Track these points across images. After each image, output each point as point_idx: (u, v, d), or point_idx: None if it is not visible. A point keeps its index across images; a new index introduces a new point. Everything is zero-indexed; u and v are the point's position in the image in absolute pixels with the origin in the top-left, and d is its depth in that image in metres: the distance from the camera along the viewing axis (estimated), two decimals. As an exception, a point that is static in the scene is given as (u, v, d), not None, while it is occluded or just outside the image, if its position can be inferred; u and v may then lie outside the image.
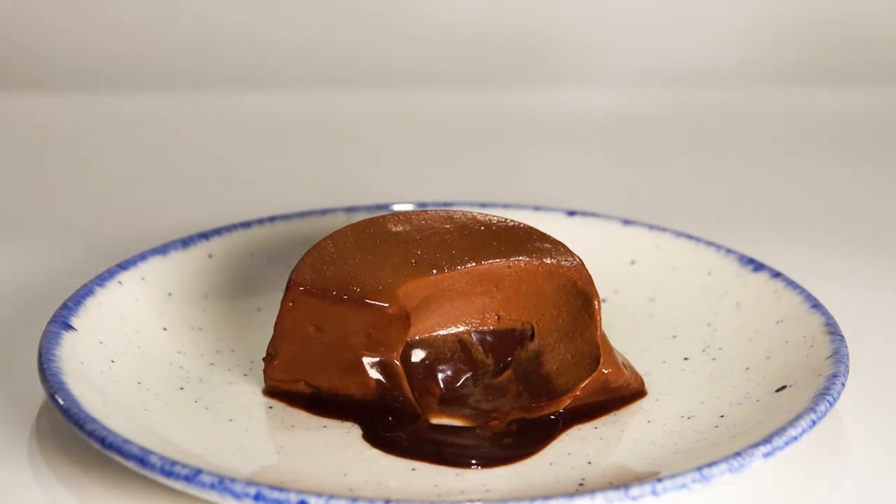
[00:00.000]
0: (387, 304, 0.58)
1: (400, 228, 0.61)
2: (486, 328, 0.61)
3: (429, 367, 0.61)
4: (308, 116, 1.01)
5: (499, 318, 0.61)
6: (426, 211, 0.62)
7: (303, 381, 0.59)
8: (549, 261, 0.60)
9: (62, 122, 0.99)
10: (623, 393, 0.60)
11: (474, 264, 0.60)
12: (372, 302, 0.58)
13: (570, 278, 0.60)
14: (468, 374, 0.61)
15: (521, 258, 0.60)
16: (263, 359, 0.59)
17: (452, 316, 0.61)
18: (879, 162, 0.94)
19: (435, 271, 0.59)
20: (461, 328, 0.61)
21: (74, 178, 0.89)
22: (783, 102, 1.03)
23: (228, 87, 1.04)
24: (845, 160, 0.95)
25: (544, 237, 0.61)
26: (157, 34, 1.05)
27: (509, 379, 0.60)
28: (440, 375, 0.61)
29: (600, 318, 0.59)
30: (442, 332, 0.61)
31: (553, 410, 0.58)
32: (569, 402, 0.58)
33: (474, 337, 0.61)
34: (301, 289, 0.58)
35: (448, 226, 0.62)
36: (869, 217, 0.85)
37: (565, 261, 0.60)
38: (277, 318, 0.58)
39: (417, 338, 0.61)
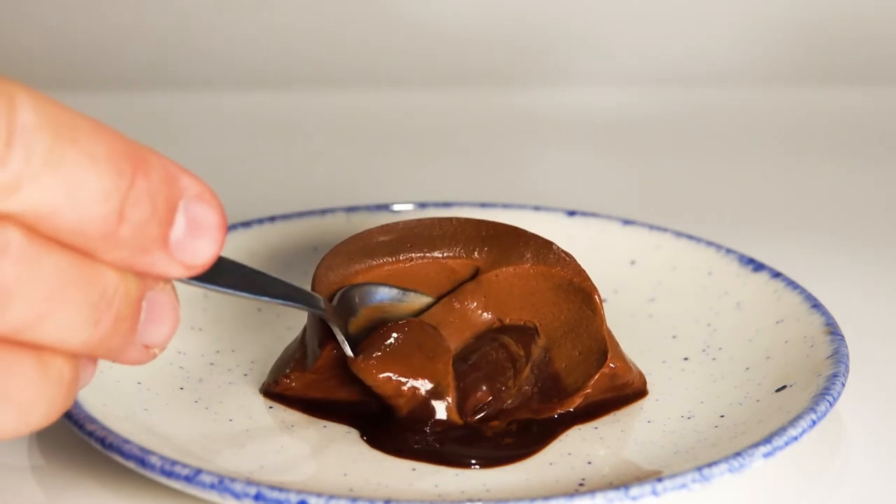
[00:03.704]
0: None
1: (385, 238, 0.61)
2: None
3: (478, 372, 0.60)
4: (308, 116, 1.01)
5: (501, 321, 0.61)
6: (408, 221, 0.62)
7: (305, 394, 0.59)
8: (539, 263, 0.60)
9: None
10: (628, 391, 0.60)
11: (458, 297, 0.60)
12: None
13: (565, 277, 0.60)
14: (510, 371, 0.60)
15: (508, 266, 0.60)
16: (275, 381, 0.59)
17: (457, 332, 0.61)
18: (879, 162, 0.94)
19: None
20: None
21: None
22: (783, 102, 1.03)
23: (229, 87, 1.04)
24: (845, 160, 0.95)
25: (533, 237, 0.61)
26: (157, 34, 1.05)
27: (527, 377, 0.60)
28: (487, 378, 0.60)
29: (603, 312, 0.59)
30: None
31: (565, 410, 0.58)
32: (580, 401, 0.58)
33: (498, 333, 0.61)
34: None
35: (436, 236, 0.61)
36: (869, 217, 0.85)
37: (556, 261, 0.60)
38: (317, 358, 0.58)
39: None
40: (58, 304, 0.41)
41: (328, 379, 0.58)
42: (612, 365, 0.58)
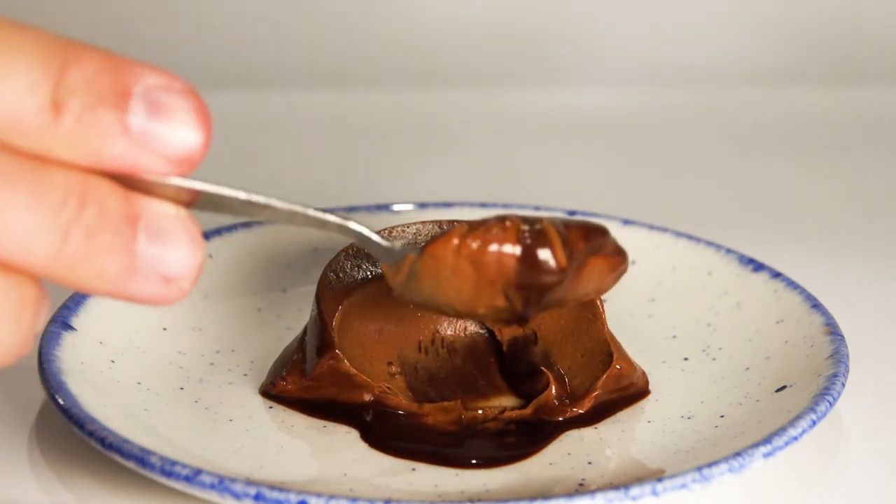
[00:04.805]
0: None
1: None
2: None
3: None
4: (308, 116, 1.01)
5: (500, 332, 0.61)
6: (411, 225, 0.62)
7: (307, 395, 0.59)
8: None
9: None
10: (632, 390, 0.60)
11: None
12: None
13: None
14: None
15: None
16: (272, 383, 0.59)
17: None
18: (879, 162, 0.94)
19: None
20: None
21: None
22: (783, 102, 1.03)
23: (229, 87, 1.04)
24: (845, 160, 0.95)
25: None
26: (157, 34, 1.05)
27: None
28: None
29: (605, 316, 0.59)
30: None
31: (576, 412, 0.58)
32: (591, 403, 0.58)
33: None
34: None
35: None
36: (869, 217, 0.85)
37: None
38: (315, 366, 0.58)
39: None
40: (5, 203, 0.39)
41: (326, 387, 0.58)
42: (617, 366, 0.58)
